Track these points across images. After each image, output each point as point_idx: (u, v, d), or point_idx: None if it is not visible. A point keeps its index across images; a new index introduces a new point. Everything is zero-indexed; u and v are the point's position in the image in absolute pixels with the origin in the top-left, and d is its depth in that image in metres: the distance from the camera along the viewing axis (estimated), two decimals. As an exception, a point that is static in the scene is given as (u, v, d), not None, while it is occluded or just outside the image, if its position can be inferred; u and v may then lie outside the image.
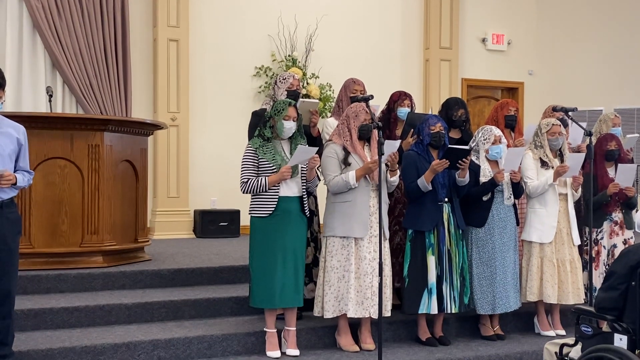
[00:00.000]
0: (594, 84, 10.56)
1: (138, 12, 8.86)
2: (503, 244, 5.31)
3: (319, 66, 9.54)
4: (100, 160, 5.86)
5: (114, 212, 5.99)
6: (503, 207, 5.35)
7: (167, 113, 8.76)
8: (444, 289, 5.03)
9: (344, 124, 4.96)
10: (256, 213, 4.75)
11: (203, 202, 9.01)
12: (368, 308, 4.81)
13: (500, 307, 5.30)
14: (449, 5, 10.41)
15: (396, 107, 5.57)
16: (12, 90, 7.91)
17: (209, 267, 6.11)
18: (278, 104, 4.78)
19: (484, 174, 5.28)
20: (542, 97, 10.29)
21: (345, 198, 4.86)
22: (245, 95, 9.30)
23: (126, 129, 6.15)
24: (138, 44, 8.85)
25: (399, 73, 10.24)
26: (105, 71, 8.51)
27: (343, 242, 4.85)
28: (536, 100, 10.57)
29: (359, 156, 4.88)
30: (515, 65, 11.03)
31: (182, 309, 5.32)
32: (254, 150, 4.73)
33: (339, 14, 9.80)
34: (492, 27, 10.89)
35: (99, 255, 5.87)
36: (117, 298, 5.31)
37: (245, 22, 9.35)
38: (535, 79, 11.10)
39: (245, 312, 5.33)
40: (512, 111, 5.92)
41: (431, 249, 5.03)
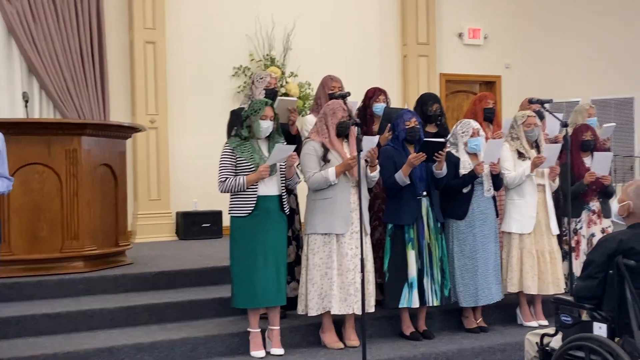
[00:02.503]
0: (571, 75, 10.64)
1: (114, 15, 8.81)
2: (484, 236, 5.35)
3: (297, 65, 9.54)
4: (79, 165, 5.83)
5: (94, 217, 5.96)
6: (483, 199, 5.38)
7: (146, 115, 8.72)
8: (425, 283, 5.05)
9: (322, 121, 4.97)
10: (235, 213, 4.74)
11: (185, 204, 8.98)
12: (351, 304, 4.81)
13: (482, 299, 5.33)
14: (424, 1, 10.44)
15: (371, 103, 5.59)
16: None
17: (191, 269, 6.10)
18: (255, 104, 4.78)
19: (464, 167, 5.31)
20: (520, 90, 10.35)
21: (326, 195, 4.87)
22: (224, 95, 9.27)
23: (104, 132, 6.12)
24: (114, 47, 8.79)
25: (377, 69, 10.26)
26: (82, 75, 8.46)
27: (324, 239, 4.85)
28: (514, 93, 10.63)
29: (338, 153, 4.88)
30: (492, 59, 11.09)
31: (165, 311, 5.30)
32: (231, 149, 4.72)
33: (316, 12, 9.80)
34: (469, 21, 10.94)
35: (79, 261, 5.84)
36: (99, 303, 5.28)
37: (222, 22, 9.32)
38: (513, 72, 11.17)
39: (228, 313, 5.31)
40: (491, 104, 5.96)
41: (411, 243, 5.04)
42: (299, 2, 9.68)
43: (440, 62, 10.69)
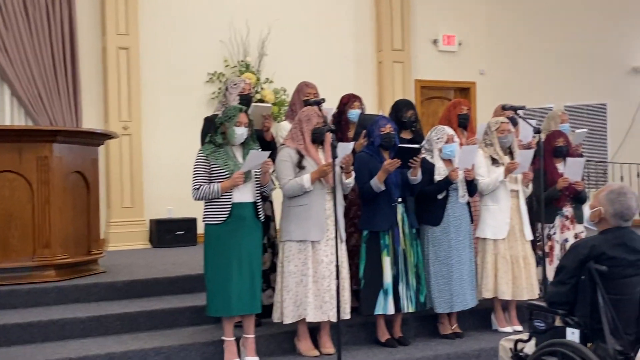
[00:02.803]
0: (544, 82, 10.75)
1: (86, 21, 8.74)
2: (459, 242, 5.36)
3: (272, 70, 9.52)
4: (50, 172, 5.75)
5: (66, 225, 5.89)
6: (458, 205, 5.40)
7: (119, 122, 8.65)
8: (400, 289, 5.05)
9: (297, 127, 4.95)
10: (210, 220, 4.70)
11: (158, 211, 8.91)
12: (327, 312, 4.79)
13: (457, 305, 5.34)
14: (399, 8, 10.49)
15: (346, 109, 5.59)
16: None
17: (165, 277, 6.04)
18: (229, 110, 4.75)
19: (439, 173, 5.33)
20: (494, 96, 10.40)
21: (301, 202, 4.85)
22: (199, 101, 9.23)
23: (76, 139, 6.05)
24: (87, 53, 8.72)
25: (352, 76, 10.28)
26: (54, 82, 8.37)
27: (300, 246, 4.83)
28: (488, 99, 10.70)
29: (313, 159, 4.87)
30: (467, 65, 11.16)
31: (138, 320, 5.24)
32: (205, 156, 4.68)
33: (291, 18, 9.80)
34: (443, 28, 11.01)
35: (51, 269, 5.75)
36: (71, 312, 5.21)
37: (196, 28, 9.28)
38: (487, 78, 11.25)
39: (203, 321, 5.27)
40: (465, 110, 5.98)
41: (386, 249, 5.04)
42: (274, 8, 9.67)
43: (415, 69, 10.74)
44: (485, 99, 10.94)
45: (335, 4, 10.26)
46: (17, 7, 8.22)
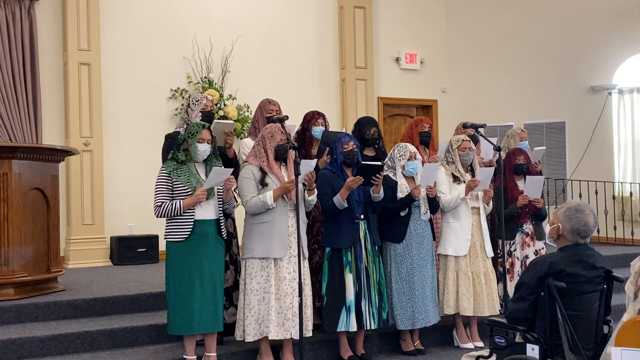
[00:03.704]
0: (504, 100, 10.91)
1: (47, 35, 8.63)
2: (421, 259, 5.40)
3: (235, 87, 9.51)
4: (9, 189, 5.67)
5: (25, 242, 5.78)
6: (420, 222, 5.44)
7: (80, 138, 8.53)
8: (363, 306, 5.06)
9: (260, 144, 4.95)
10: (172, 237, 4.67)
11: (120, 229, 8.80)
12: (289, 329, 4.78)
13: (419, 322, 5.37)
14: (362, 26, 10.57)
15: (310, 126, 5.61)
16: None
17: (126, 295, 5.96)
18: (192, 127, 4.73)
19: (401, 190, 5.37)
20: (456, 114, 10.56)
21: (263, 219, 4.84)
22: (161, 117, 9.16)
23: (35, 155, 5.96)
24: (48, 69, 8.60)
25: (316, 93, 10.32)
26: (13, 97, 8.24)
27: (262, 263, 4.82)
28: (450, 117, 10.83)
29: (276, 176, 4.87)
30: (429, 83, 11.28)
31: (98, 339, 5.16)
32: (167, 173, 4.66)
33: (254, 35, 9.81)
34: (405, 46, 11.12)
35: (9, 287, 5.64)
36: (29, 331, 5.11)
37: (159, 44, 9.23)
38: (449, 96, 11.39)
39: (164, 339, 5.22)
40: (427, 128, 6.05)
41: (349, 266, 5.05)
42: (237, 25, 9.67)
43: (378, 86, 10.83)
44: (446, 117, 11.07)
45: (299, 22, 10.31)
46: (-24, 21, 8.10)
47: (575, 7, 10.46)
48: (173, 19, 9.34)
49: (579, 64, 10.38)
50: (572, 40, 10.43)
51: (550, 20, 10.63)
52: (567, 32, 10.48)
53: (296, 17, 10.28)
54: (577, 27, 10.40)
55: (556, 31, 10.58)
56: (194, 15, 9.46)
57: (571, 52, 10.43)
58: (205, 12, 9.54)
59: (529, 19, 10.82)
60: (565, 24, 10.51)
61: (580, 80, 10.40)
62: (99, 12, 8.74)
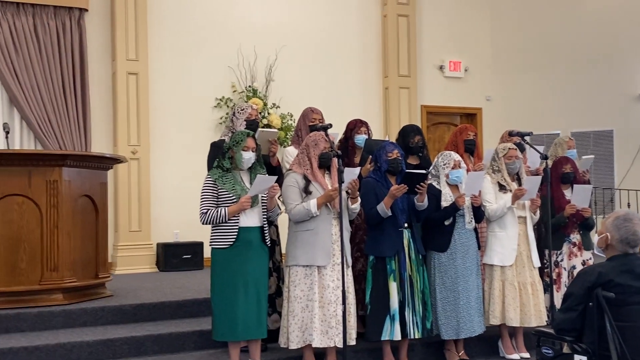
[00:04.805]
0: (550, 108, 10.78)
1: (96, 46, 8.83)
2: (466, 269, 5.35)
3: (279, 96, 9.59)
4: (59, 196, 5.78)
5: (74, 248, 5.90)
6: (465, 232, 5.40)
7: (128, 146, 8.70)
8: (407, 315, 5.04)
9: (304, 152, 4.97)
10: (217, 244, 4.72)
11: (165, 235, 8.93)
12: (333, 337, 4.77)
13: (464, 332, 5.32)
14: (406, 34, 10.57)
15: (353, 135, 5.62)
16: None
17: (171, 301, 6.04)
18: (237, 135, 4.79)
19: (445, 199, 5.33)
20: (500, 122, 10.46)
21: (307, 227, 4.86)
22: (206, 126, 9.29)
23: (85, 163, 6.09)
24: (97, 78, 8.80)
25: (358, 101, 10.33)
26: (63, 106, 8.45)
27: (306, 271, 4.83)
28: (494, 125, 10.74)
29: (320, 184, 4.89)
30: (473, 91, 11.21)
31: (145, 344, 5.23)
32: (213, 180, 4.72)
33: (298, 44, 9.88)
34: (449, 54, 11.08)
35: (59, 293, 5.76)
36: (78, 336, 5.21)
37: (205, 53, 9.37)
38: (493, 104, 11.29)
39: (209, 345, 5.26)
40: (471, 136, 6.01)
41: (392, 275, 5.04)
42: (281, 33, 9.76)
43: (421, 94, 10.80)
44: (491, 125, 10.98)
45: (342, 31, 10.35)
46: (28, 30, 8.32)
47: (621, 12, 10.29)
48: (219, 29, 9.47)
49: (626, 71, 10.21)
50: (620, 46, 10.26)
51: (597, 26, 10.48)
52: (615, 38, 10.32)
53: (340, 26, 10.33)
54: (625, 34, 10.23)
55: (603, 37, 10.41)
56: (239, 25, 9.58)
57: (619, 58, 10.26)
58: (250, 22, 9.66)
59: (575, 25, 10.68)
60: (612, 29, 10.34)
61: (629, 88, 10.22)
62: (146, 22, 8.92)
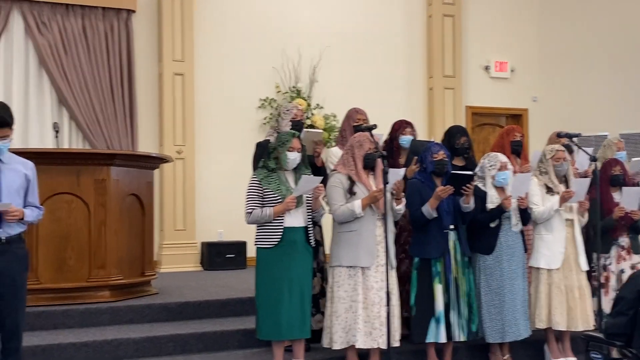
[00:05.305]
0: (599, 109, 10.57)
1: (143, 47, 8.96)
2: (511, 271, 5.29)
3: (323, 96, 9.60)
4: (107, 195, 5.87)
5: (121, 246, 5.99)
6: (511, 234, 5.33)
7: (173, 146, 8.81)
8: (452, 317, 5.00)
9: (349, 153, 4.97)
10: (261, 244, 4.75)
11: (209, 235, 9.01)
12: (377, 338, 4.76)
13: (510, 335, 5.25)
14: (451, 34, 10.49)
15: (398, 135, 5.60)
16: (19, 126, 7.96)
17: (216, 299, 6.09)
18: (282, 136, 4.81)
19: (491, 201, 5.27)
20: (547, 124, 10.29)
21: (351, 227, 4.85)
22: (250, 126, 9.34)
23: (132, 163, 6.18)
24: (144, 79, 8.93)
25: (402, 102, 10.29)
26: (111, 106, 8.59)
27: (350, 271, 4.83)
28: (541, 126, 10.58)
29: (364, 185, 4.88)
30: (519, 92, 11.06)
31: (190, 342, 5.29)
32: (258, 181, 4.74)
33: (342, 45, 9.88)
34: (495, 54, 10.95)
35: (106, 290, 5.85)
36: (124, 332, 5.29)
37: (249, 55, 9.43)
38: (540, 105, 11.13)
39: (253, 344, 5.30)
40: (518, 137, 5.93)
41: (438, 277, 5.01)
42: (325, 34, 9.76)
43: (466, 95, 10.70)
44: (537, 126, 10.81)
45: (387, 31, 10.31)
46: (77, 31, 8.47)
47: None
48: (263, 30, 9.53)
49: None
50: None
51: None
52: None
53: (384, 26, 10.30)
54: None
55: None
56: (283, 26, 9.62)
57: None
58: (295, 22, 9.69)
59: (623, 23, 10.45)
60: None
61: (680, 88, 9.98)
62: (192, 23, 9.03)
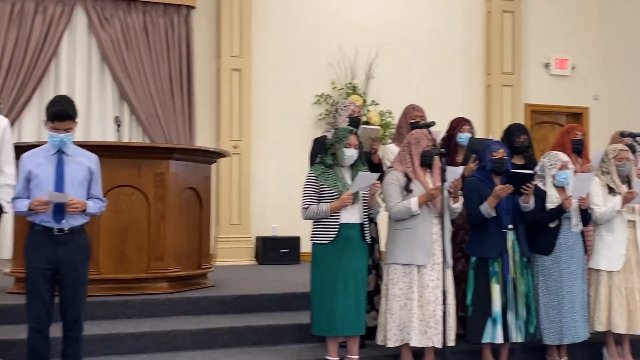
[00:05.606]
0: (662, 108, 10.29)
1: (202, 43, 9.08)
2: (571, 273, 5.19)
3: (379, 93, 9.57)
4: (166, 188, 5.96)
5: (179, 239, 6.08)
6: (571, 235, 5.23)
7: (230, 141, 8.91)
8: (509, 318, 4.94)
9: (406, 150, 4.94)
10: (317, 240, 4.76)
11: (264, 229, 9.09)
12: (432, 337, 4.73)
13: (568, 338, 5.16)
14: (510, 31, 10.33)
15: (456, 133, 5.55)
16: (81, 120, 8.15)
17: (270, 293, 6.13)
18: (339, 132, 4.81)
19: (551, 201, 5.18)
20: (609, 123, 10.04)
21: (407, 225, 4.83)
22: (306, 122, 9.38)
23: (191, 157, 6.26)
24: (202, 74, 9.06)
25: (459, 99, 10.18)
26: (170, 100, 8.73)
27: (405, 269, 4.81)
28: (602, 125, 10.33)
29: (421, 183, 4.85)
30: (580, 90, 10.83)
31: (245, 335, 5.34)
32: (315, 176, 4.76)
33: (398, 41, 9.83)
34: (556, 51, 10.74)
35: (164, 282, 5.94)
36: (181, 324, 5.36)
37: (306, 51, 9.47)
38: (601, 104, 10.87)
39: (307, 339, 5.30)
40: (579, 136, 5.81)
41: (495, 277, 4.95)
42: (381, 31, 9.73)
43: (525, 93, 10.52)
44: (598, 125, 10.56)
45: (444, 27, 10.21)
46: (138, 27, 8.64)
47: None
48: (320, 26, 9.55)
49: None
50: None
51: None
52: None
53: (442, 22, 10.21)
54: None
55: None
56: (340, 22, 9.63)
57: None
58: (351, 19, 9.69)
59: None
60: None
61: None
62: (251, 19, 9.13)
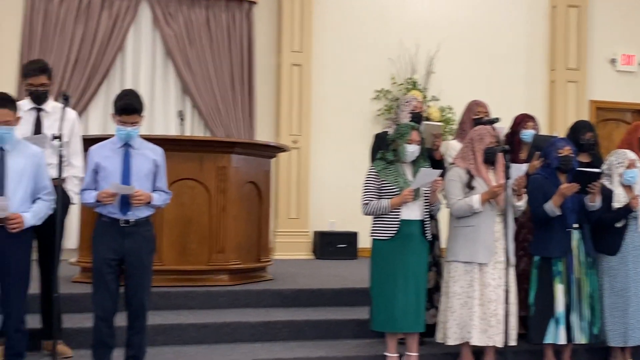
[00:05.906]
0: None
1: (263, 38, 9.14)
2: (637, 273, 5.07)
3: (439, 88, 9.48)
4: (227, 182, 6.02)
5: (239, 232, 6.14)
6: (637, 235, 5.11)
7: (289, 136, 8.95)
8: (572, 319, 4.85)
9: (468, 146, 4.90)
10: (378, 235, 4.75)
11: (322, 224, 9.11)
12: (492, 336, 4.68)
13: (632, 340, 5.04)
14: (576, 26, 10.10)
15: (520, 129, 5.45)
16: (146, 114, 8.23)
17: (329, 288, 6.14)
18: (401, 128, 4.79)
19: (618, 200, 5.06)
20: (678, 120, 9.74)
21: (469, 222, 4.78)
22: (365, 118, 9.36)
23: (251, 151, 6.32)
24: (262, 69, 9.12)
25: (522, 95, 10.00)
26: (231, 95, 8.82)
27: (466, 267, 4.77)
28: (671, 123, 10.01)
29: (484, 180, 4.79)
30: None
31: (304, 329, 5.36)
32: (376, 172, 4.75)
33: (460, 36, 9.71)
34: (622, 47, 10.45)
35: (225, 274, 6.01)
36: (241, 316, 5.42)
37: (366, 46, 9.44)
38: (670, 101, 10.55)
39: (366, 335, 5.30)
40: (648, 133, 5.65)
41: (559, 277, 4.86)
42: (443, 25, 9.63)
43: (591, 89, 10.27)
44: (666, 123, 10.24)
45: (508, 22, 10.05)
46: (201, 23, 8.76)
47: None
48: (380, 21, 9.51)
49: None
50: None
51: None
52: None
53: (505, 17, 10.04)
54: None
55: None
56: (400, 17, 9.57)
57: None
58: (412, 13, 9.62)
59: None
60: None
61: None
62: (311, 14, 9.13)
